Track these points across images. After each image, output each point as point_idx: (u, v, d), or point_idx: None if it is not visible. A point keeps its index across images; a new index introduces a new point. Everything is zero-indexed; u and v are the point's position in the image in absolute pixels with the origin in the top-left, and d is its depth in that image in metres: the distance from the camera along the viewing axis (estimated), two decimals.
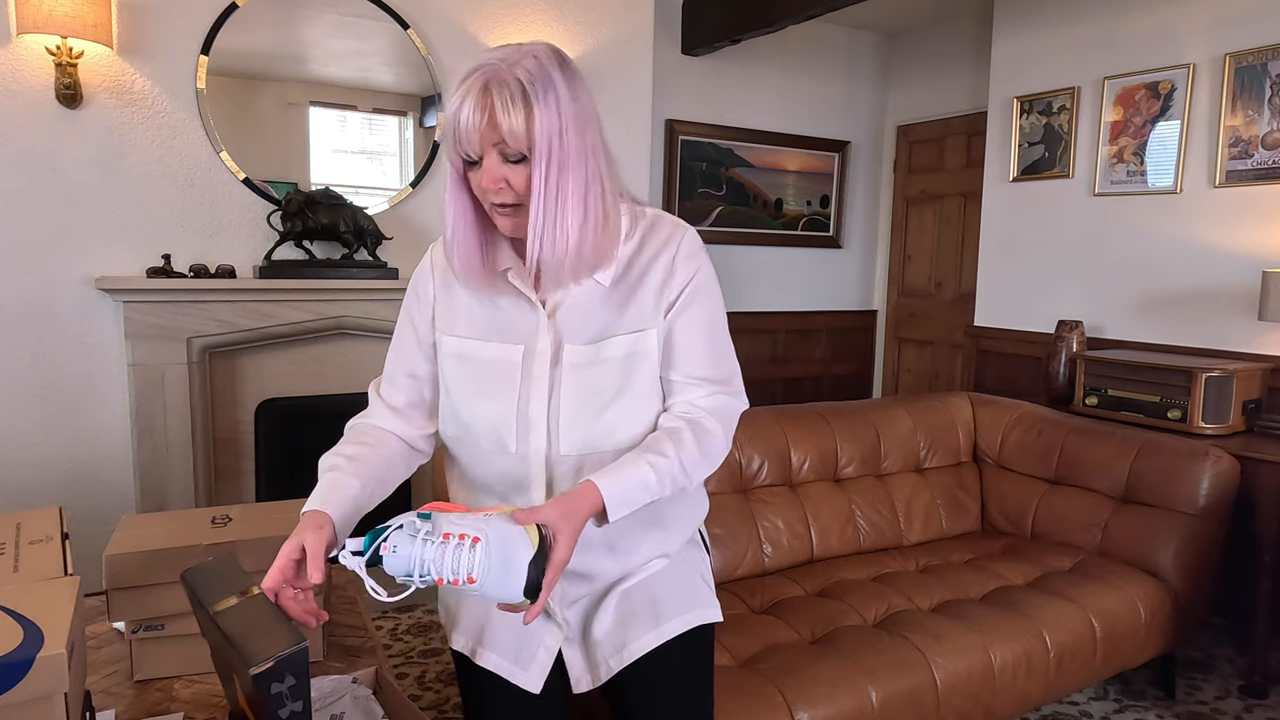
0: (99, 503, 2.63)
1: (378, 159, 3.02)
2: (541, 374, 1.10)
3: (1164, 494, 2.25)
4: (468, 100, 0.99)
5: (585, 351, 1.09)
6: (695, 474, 1.10)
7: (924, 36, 4.65)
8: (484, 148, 1.00)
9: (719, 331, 1.16)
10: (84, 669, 1.04)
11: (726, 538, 2.11)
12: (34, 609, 0.92)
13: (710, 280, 1.15)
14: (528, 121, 0.97)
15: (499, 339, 1.12)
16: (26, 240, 2.48)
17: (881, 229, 5.01)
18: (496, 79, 0.98)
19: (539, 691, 1.15)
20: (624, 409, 1.10)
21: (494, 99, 0.98)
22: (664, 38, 4.07)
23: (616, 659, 1.17)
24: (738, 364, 1.19)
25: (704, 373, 1.13)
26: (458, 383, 1.14)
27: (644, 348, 1.11)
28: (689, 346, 1.12)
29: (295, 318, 2.76)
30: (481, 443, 1.14)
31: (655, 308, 1.11)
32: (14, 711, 0.83)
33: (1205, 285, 3.01)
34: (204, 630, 1.01)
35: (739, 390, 1.18)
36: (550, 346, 1.10)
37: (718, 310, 1.16)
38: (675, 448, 1.07)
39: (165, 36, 2.61)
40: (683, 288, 1.12)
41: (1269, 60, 2.79)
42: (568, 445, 1.10)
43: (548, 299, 1.11)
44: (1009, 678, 1.80)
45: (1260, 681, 2.35)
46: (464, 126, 0.99)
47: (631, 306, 1.11)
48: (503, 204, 1.02)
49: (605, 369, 1.09)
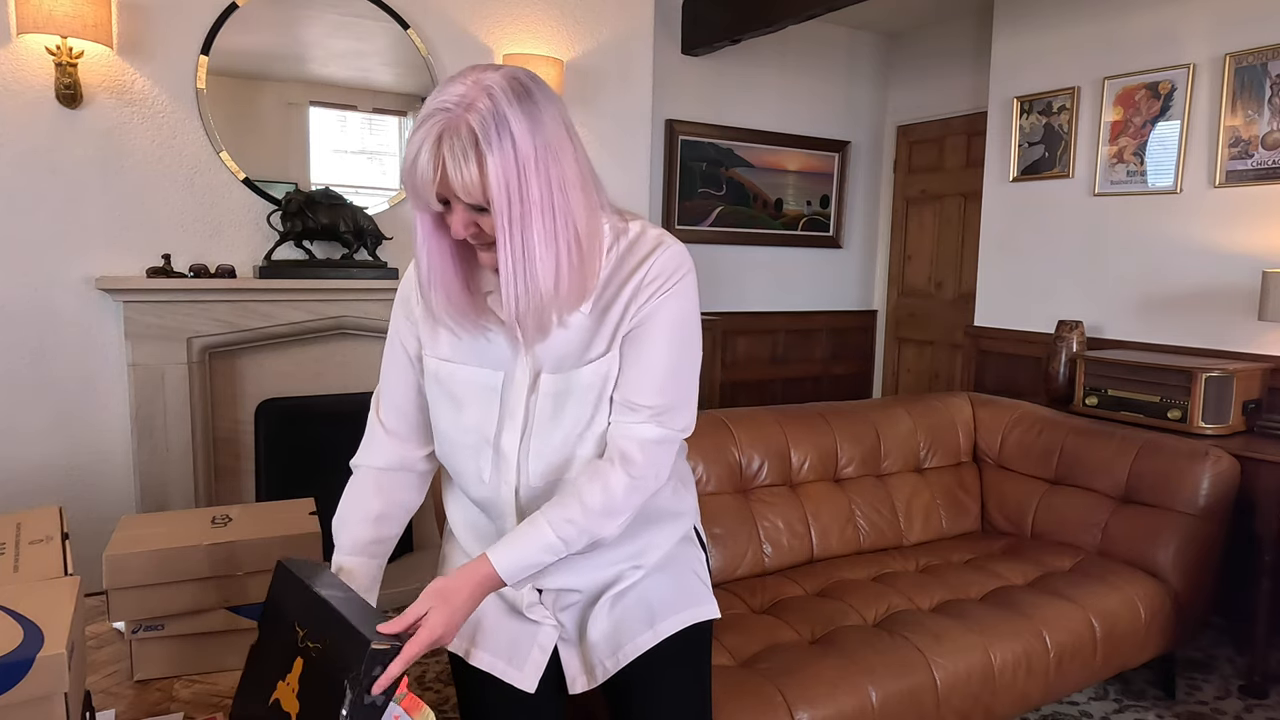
0: (99, 503, 2.63)
1: (378, 159, 3.02)
2: (518, 405, 1.10)
3: (1164, 494, 2.25)
4: (423, 152, 0.93)
5: (558, 380, 1.08)
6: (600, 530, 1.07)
7: (924, 36, 4.65)
8: (444, 195, 0.96)
9: (675, 355, 1.09)
10: (84, 669, 1.04)
11: (726, 538, 2.11)
12: (34, 609, 0.93)
13: (682, 299, 1.08)
14: (481, 174, 0.92)
15: (478, 363, 1.11)
16: (26, 240, 2.48)
17: (881, 229, 5.01)
18: (450, 128, 0.92)
19: (534, 691, 1.15)
20: (590, 438, 1.10)
21: (444, 152, 0.92)
22: (664, 38, 4.07)
23: (613, 660, 1.17)
24: (692, 393, 1.13)
25: (644, 398, 1.08)
26: (438, 404, 1.15)
27: (610, 368, 1.08)
28: (636, 366, 1.07)
29: (295, 318, 2.76)
30: (460, 465, 1.16)
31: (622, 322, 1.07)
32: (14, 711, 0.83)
33: (1205, 285, 3.01)
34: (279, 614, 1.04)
35: (681, 424, 1.11)
36: (528, 375, 1.09)
37: (682, 334, 1.09)
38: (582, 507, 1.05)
39: (165, 36, 2.61)
40: (644, 311, 1.06)
41: (1269, 60, 2.79)
42: (537, 478, 1.11)
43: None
44: (1009, 678, 1.80)
45: (1260, 681, 2.35)
46: (420, 180, 0.94)
47: (603, 328, 1.07)
48: (481, 242, 1.00)
49: (578, 398, 1.08)
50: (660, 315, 1.07)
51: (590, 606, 1.19)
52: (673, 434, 1.10)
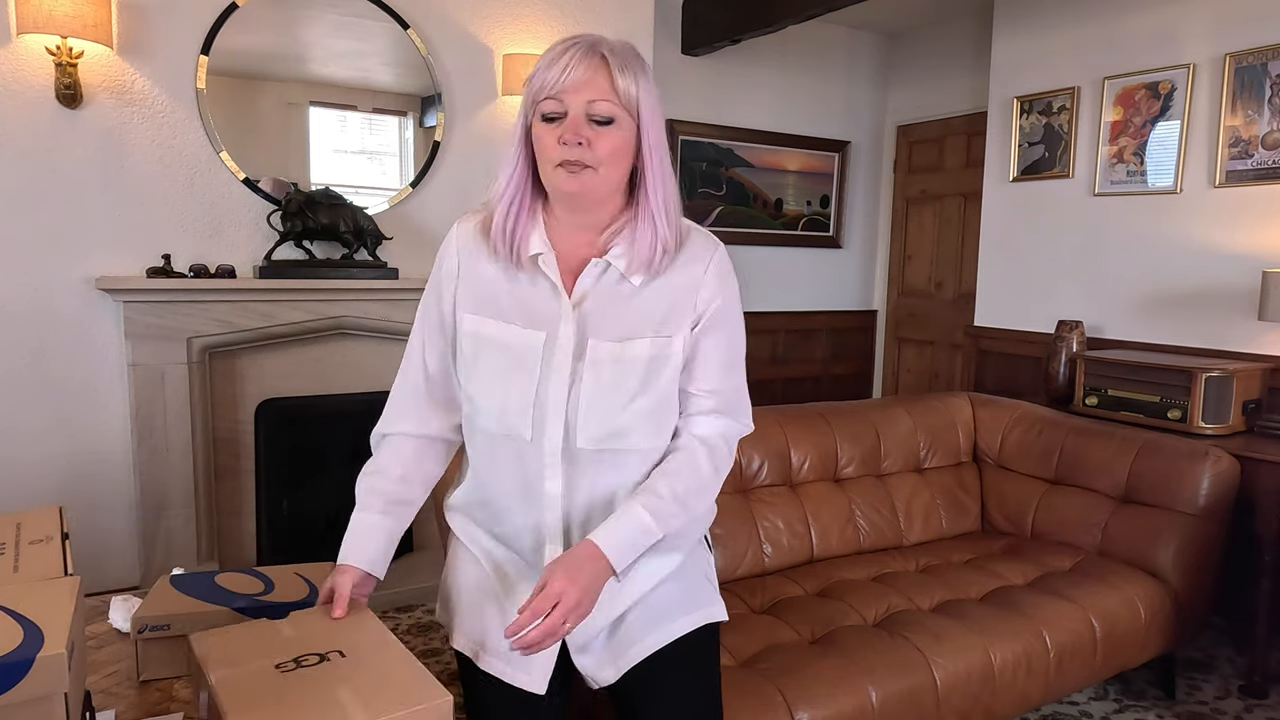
0: (99, 503, 2.63)
1: (378, 159, 3.02)
2: (563, 363, 1.09)
3: (1164, 494, 2.25)
4: (572, 54, 1.01)
5: (611, 348, 1.09)
6: (693, 506, 1.12)
7: (924, 36, 4.65)
8: (576, 102, 1.02)
9: (736, 357, 1.18)
10: (84, 669, 1.04)
11: (726, 538, 2.11)
12: (34, 609, 0.92)
13: (737, 305, 1.17)
14: (637, 88, 1.03)
15: (520, 323, 1.10)
16: (26, 240, 2.48)
17: (881, 229, 5.01)
18: (605, 45, 1.03)
19: (544, 692, 1.15)
20: (644, 410, 1.10)
21: (607, 56, 1.02)
22: (664, 38, 4.07)
23: (624, 659, 1.17)
24: (747, 390, 1.21)
25: (714, 397, 1.15)
26: (474, 363, 1.13)
27: (668, 353, 1.11)
28: (706, 367, 1.14)
29: (295, 318, 2.76)
30: (493, 427, 1.13)
31: (682, 317, 1.12)
32: (14, 711, 0.83)
33: (1205, 285, 3.01)
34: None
35: (745, 417, 1.20)
36: (573, 338, 1.09)
37: (739, 338, 1.18)
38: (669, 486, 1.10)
39: (165, 36, 2.61)
40: (713, 306, 1.13)
41: (1269, 60, 2.79)
42: (585, 438, 1.09)
43: (574, 289, 1.10)
44: (1009, 678, 1.80)
45: (1260, 681, 2.35)
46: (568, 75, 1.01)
47: (658, 311, 1.11)
48: (574, 161, 1.03)
49: (629, 368, 1.09)
50: (726, 314, 1.15)
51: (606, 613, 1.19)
52: (744, 427, 1.19)
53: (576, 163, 1.03)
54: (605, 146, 1.03)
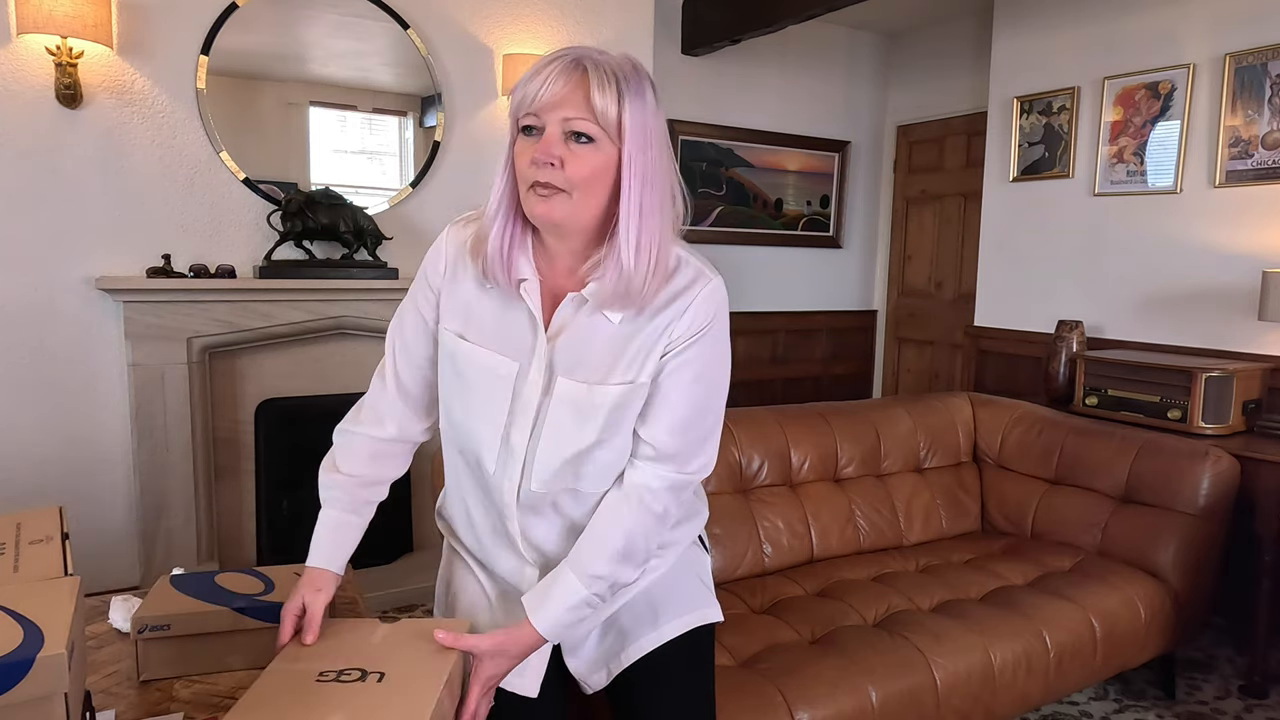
0: (99, 503, 2.63)
1: (378, 159, 3.02)
2: (531, 400, 1.06)
3: (1164, 494, 2.25)
4: (554, 67, 0.95)
5: (577, 390, 1.04)
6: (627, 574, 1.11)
7: (924, 36, 4.65)
8: (553, 119, 0.95)
9: (704, 399, 1.08)
10: (84, 669, 1.04)
11: (726, 538, 2.11)
12: (34, 609, 0.92)
13: (718, 340, 1.07)
14: (619, 107, 0.95)
15: (496, 348, 1.08)
16: (26, 240, 2.48)
17: (881, 229, 5.01)
18: (593, 60, 0.95)
19: (537, 695, 1.15)
20: (598, 459, 1.08)
21: (589, 70, 0.94)
22: (664, 38, 4.07)
23: (616, 662, 1.17)
24: (715, 433, 1.12)
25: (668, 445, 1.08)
26: (451, 384, 1.13)
27: (633, 400, 1.05)
28: (665, 406, 1.06)
29: (295, 318, 2.76)
30: (465, 447, 1.14)
31: (652, 354, 1.05)
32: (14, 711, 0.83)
33: (1205, 285, 3.01)
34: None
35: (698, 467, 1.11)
36: (544, 374, 1.06)
37: (714, 375, 1.09)
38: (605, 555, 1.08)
39: (165, 36, 2.61)
40: (685, 338, 1.04)
41: (1269, 60, 2.79)
42: (539, 483, 1.10)
43: (550, 322, 1.06)
44: (1009, 678, 1.80)
45: (1260, 681, 2.35)
46: (545, 89, 0.94)
47: (630, 349, 1.04)
48: (544, 184, 0.96)
49: (591, 415, 1.05)
50: (695, 360, 1.06)
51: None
52: (691, 478, 1.11)
53: (548, 185, 0.96)
54: (580, 169, 0.95)
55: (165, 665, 1.18)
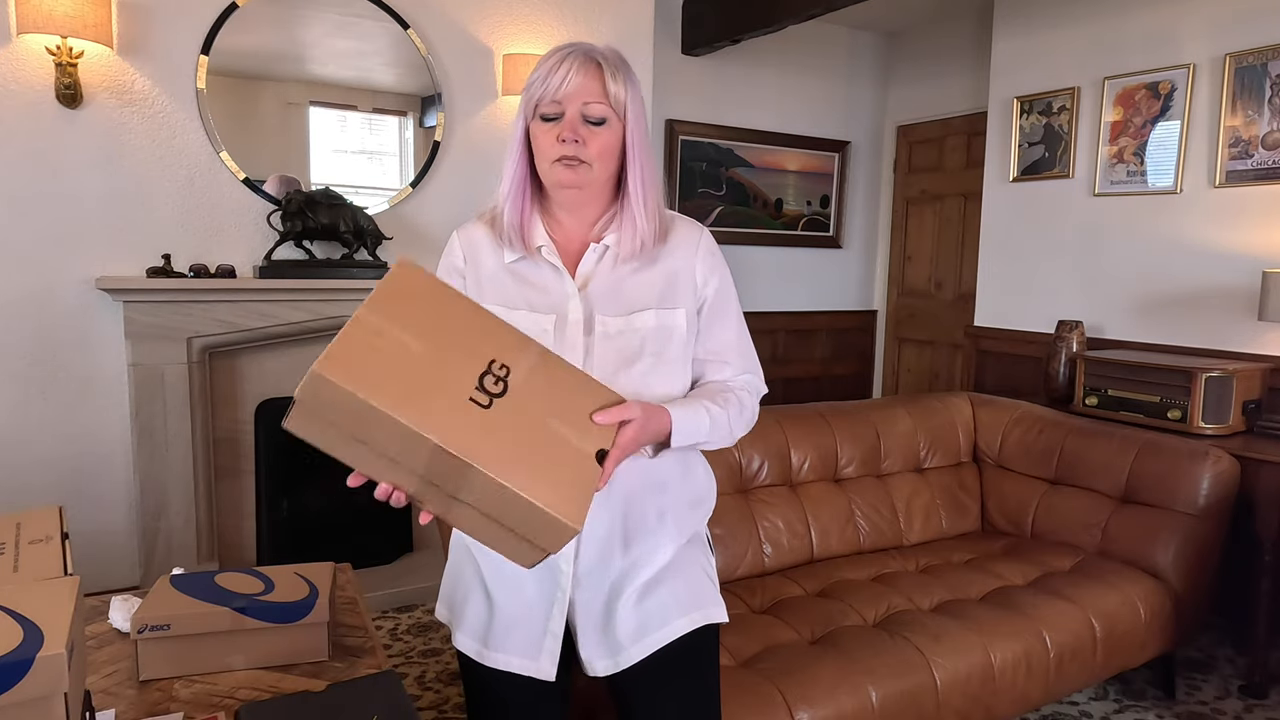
0: (99, 503, 2.63)
1: (378, 159, 3.02)
2: (576, 339, 1.14)
3: (1164, 494, 2.25)
4: (571, 62, 1.10)
5: (617, 322, 1.15)
6: (737, 429, 1.22)
7: (924, 36, 4.65)
8: (571, 104, 1.11)
9: (744, 329, 1.30)
10: (84, 669, 1.04)
11: (726, 538, 2.11)
12: (34, 609, 0.92)
13: (730, 281, 1.27)
14: (626, 92, 1.13)
15: (528, 309, 1.15)
16: (26, 240, 2.48)
17: (881, 229, 5.01)
18: (599, 53, 1.13)
19: (554, 679, 1.16)
20: (655, 369, 1.16)
21: (603, 65, 1.12)
22: (664, 38, 4.07)
23: (622, 656, 1.17)
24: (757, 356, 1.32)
25: (735, 360, 1.26)
26: None
27: (674, 322, 1.17)
28: (723, 341, 1.25)
29: (295, 318, 2.76)
30: None
31: (683, 293, 1.19)
32: (14, 711, 0.83)
33: (1205, 285, 3.01)
34: None
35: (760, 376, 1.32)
36: (583, 314, 1.15)
37: (739, 309, 1.30)
38: (724, 401, 1.19)
39: (165, 36, 2.61)
40: (713, 286, 1.22)
41: (1269, 60, 2.79)
42: None
43: (576, 274, 1.16)
44: (1009, 678, 1.80)
45: (1260, 681, 2.35)
46: (569, 82, 1.10)
47: (659, 287, 1.18)
48: (570, 156, 1.11)
49: (637, 336, 1.15)
50: (725, 292, 1.25)
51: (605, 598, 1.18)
52: (760, 383, 1.30)
53: (573, 158, 1.12)
54: (597, 145, 1.12)
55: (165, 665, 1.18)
